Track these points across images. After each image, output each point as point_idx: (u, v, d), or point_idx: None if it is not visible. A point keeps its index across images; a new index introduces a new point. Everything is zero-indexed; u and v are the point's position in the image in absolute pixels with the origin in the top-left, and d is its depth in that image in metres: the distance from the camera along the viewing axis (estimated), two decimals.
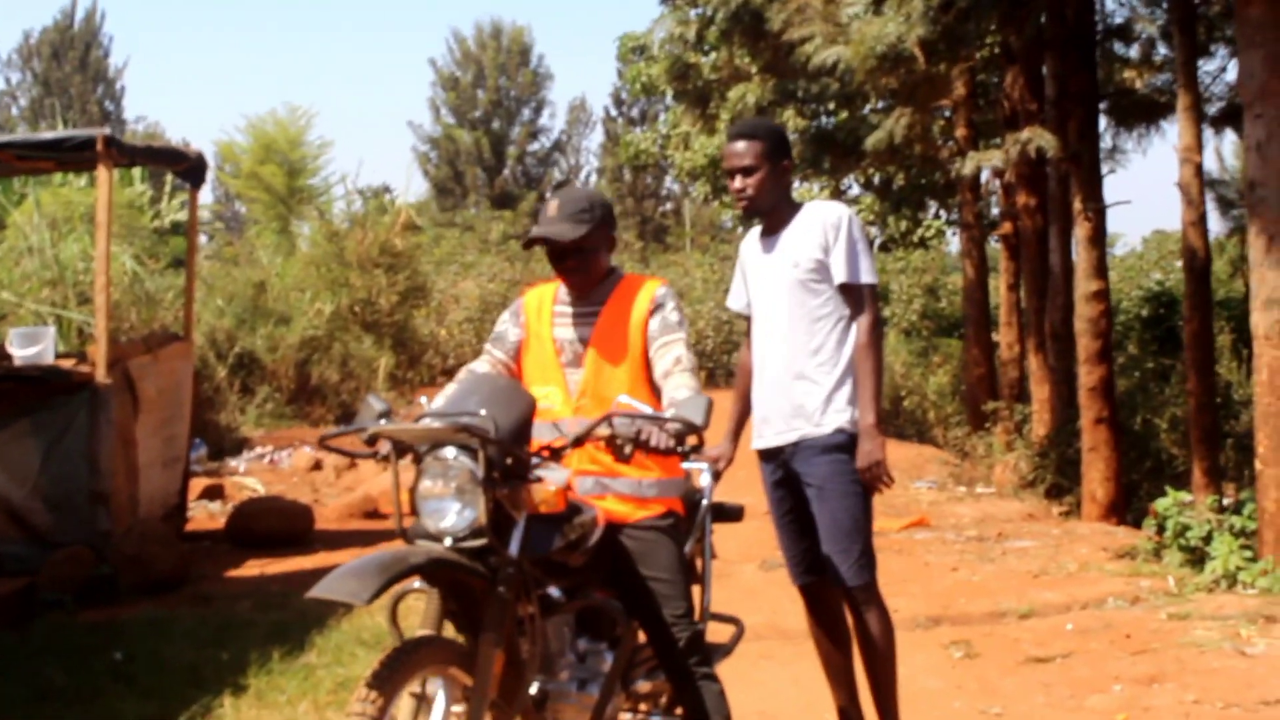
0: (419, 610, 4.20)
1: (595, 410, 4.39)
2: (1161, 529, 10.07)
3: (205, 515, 12.33)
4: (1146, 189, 74.57)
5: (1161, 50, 16.88)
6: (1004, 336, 18.71)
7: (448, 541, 3.92)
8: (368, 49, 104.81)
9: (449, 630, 4.14)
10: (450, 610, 4.09)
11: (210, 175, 11.26)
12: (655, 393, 4.54)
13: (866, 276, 5.26)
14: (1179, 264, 32.60)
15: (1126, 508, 13.66)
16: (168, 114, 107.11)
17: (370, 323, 23.84)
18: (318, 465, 14.77)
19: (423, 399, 4.35)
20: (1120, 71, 16.66)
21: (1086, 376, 13.32)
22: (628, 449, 4.06)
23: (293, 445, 16.99)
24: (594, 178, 62.97)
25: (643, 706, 4.70)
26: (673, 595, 4.44)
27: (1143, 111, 15.17)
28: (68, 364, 9.88)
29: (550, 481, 4.13)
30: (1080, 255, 13.36)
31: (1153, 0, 14.44)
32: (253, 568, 10.11)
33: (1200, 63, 12.51)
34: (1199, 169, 11.54)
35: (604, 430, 4.10)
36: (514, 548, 3.96)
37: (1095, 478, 13.23)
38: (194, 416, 11.69)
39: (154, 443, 10.34)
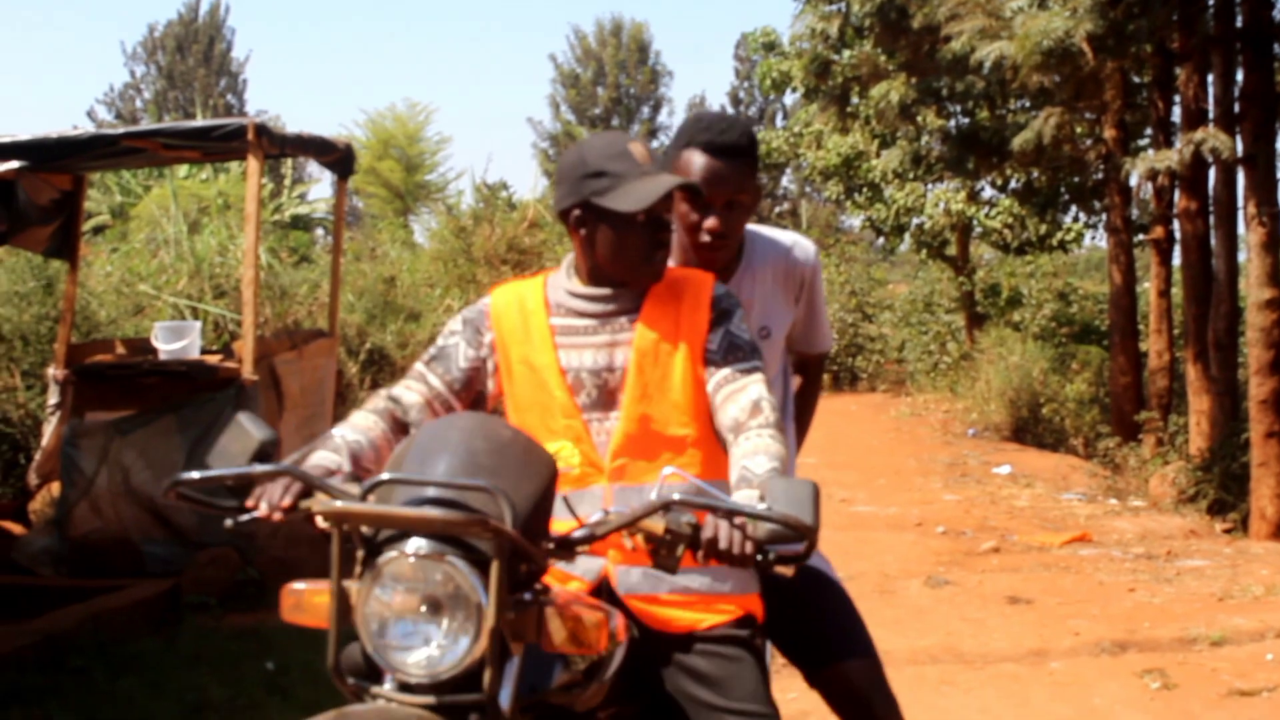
0: None
1: (642, 474, 3.09)
2: None
3: None
4: None
5: None
6: (1153, 344, 18.10)
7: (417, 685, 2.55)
8: (489, 46, 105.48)
9: None
10: None
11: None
12: (720, 440, 3.13)
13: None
14: None
15: None
16: (288, 108, 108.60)
17: None
18: None
19: None
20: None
21: (1257, 389, 12.73)
22: (679, 552, 2.66)
23: None
24: None
25: None
26: None
27: None
28: (213, 359, 9.66)
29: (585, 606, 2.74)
30: (1253, 262, 12.77)
31: None
32: None
33: None
34: None
35: (655, 523, 2.66)
36: (505, 697, 2.56)
37: (1265, 494, 12.65)
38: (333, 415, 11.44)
39: (296, 441, 10.06)
